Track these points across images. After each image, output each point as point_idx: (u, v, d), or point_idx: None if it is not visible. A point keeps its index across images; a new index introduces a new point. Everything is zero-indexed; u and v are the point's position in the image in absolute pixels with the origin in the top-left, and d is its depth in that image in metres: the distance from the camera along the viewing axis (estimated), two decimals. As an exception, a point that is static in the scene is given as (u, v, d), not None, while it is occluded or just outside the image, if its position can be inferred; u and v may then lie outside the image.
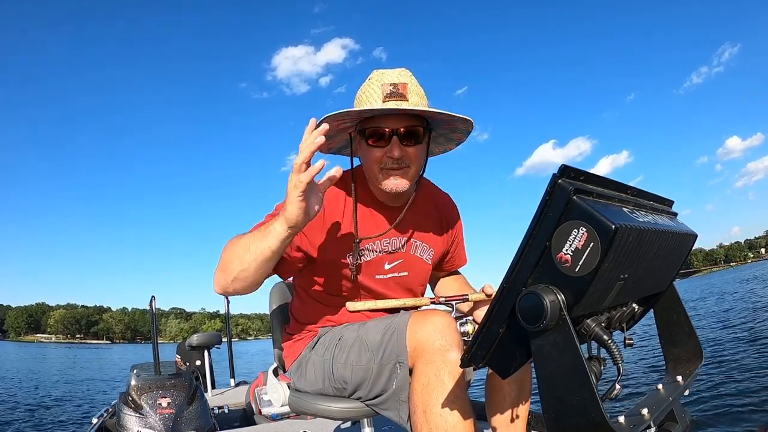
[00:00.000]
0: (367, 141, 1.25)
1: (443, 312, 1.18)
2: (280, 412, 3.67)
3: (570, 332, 0.60)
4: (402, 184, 1.26)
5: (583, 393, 0.57)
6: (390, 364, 1.17)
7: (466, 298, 1.36)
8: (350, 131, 1.31)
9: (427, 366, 1.07)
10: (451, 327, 1.12)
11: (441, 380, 1.04)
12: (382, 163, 1.24)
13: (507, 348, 0.70)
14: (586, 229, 0.61)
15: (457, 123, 1.30)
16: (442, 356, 1.06)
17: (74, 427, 6.25)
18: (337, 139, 1.35)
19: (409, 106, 1.21)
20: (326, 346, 1.32)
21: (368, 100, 1.24)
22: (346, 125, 1.29)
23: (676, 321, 1.02)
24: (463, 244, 1.59)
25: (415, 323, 1.14)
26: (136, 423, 2.97)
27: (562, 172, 0.64)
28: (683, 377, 0.89)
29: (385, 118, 1.23)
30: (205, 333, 5.13)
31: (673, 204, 1.07)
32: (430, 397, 1.03)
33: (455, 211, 1.55)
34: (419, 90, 1.27)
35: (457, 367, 1.04)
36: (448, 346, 1.07)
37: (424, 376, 1.07)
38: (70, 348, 73.65)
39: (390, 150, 1.22)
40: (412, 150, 1.25)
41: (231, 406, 4.33)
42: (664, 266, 0.93)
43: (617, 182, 0.80)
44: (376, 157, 1.24)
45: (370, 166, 1.27)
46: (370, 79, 1.27)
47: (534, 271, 0.64)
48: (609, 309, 0.81)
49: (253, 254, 1.11)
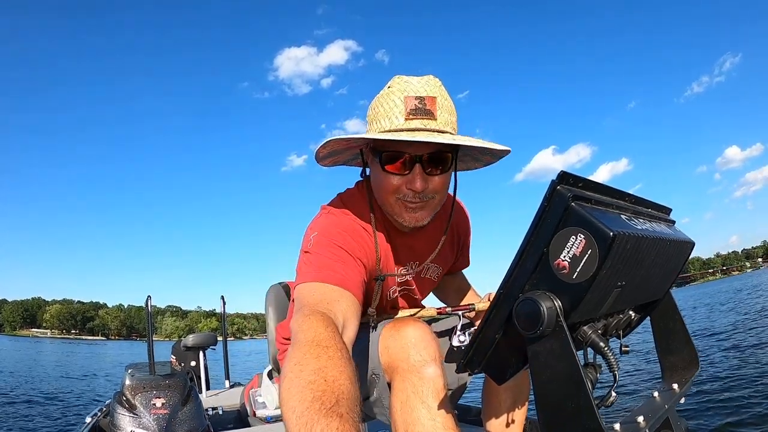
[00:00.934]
0: (383, 165, 1.06)
1: (418, 323, 1.08)
2: (274, 414, 3.66)
3: (567, 339, 0.60)
4: (422, 217, 1.11)
5: (579, 400, 0.57)
6: (367, 376, 1.11)
7: (473, 307, 1.31)
8: (361, 147, 1.15)
9: (404, 383, 1.00)
10: (426, 339, 1.02)
11: (420, 398, 0.97)
12: (400, 194, 1.08)
13: (503, 354, 0.70)
14: (584, 236, 0.61)
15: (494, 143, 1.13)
16: (418, 373, 0.98)
17: (67, 425, 6.22)
18: (342, 156, 1.19)
19: (439, 126, 1.03)
20: None
21: (387, 115, 1.04)
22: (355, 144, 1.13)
23: (672, 329, 1.02)
24: (468, 250, 1.54)
25: (387, 337, 1.06)
26: (129, 423, 2.96)
27: (561, 178, 0.64)
28: (679, 385, 0.89)
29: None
30: (201, 333, 5.12)
31: (671, 212, 1.07)
32: (410, 415, 0.97)
33: (467, 221, 1.47)
34: (449, 104, 1.08)
35: (436, 383, 0.99)
36: (423, 361, 0.99)
37: (401, 392, 1.00)
38: (65, 344, 73.28)
39: (411, 181, 1.05)
40: (437, 180, 1.08)
41: (225, 407, 4.32)
42: (662, 274, 0.93)
43: (616, 189, 0.81)
44: (393, 186, 1.07)
45: (385, 194, 1.09)
46: (390, 88, 1.06)
47: (531, 278, 0.64)
48: (606, 316, 0.81)
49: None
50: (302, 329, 0.83)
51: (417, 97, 1.02)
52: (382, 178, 1.09)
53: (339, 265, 1.04)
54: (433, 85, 1.06)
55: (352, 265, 1.06)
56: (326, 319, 0.87)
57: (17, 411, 7.48)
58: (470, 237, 1.51)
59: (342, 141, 1.07)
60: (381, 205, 1.15)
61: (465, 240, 1.49)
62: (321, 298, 0.97)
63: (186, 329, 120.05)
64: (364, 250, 1.12)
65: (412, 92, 1.03)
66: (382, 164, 1.06)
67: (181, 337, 5.44)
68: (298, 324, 0.86)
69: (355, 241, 1.10)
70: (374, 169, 1.12)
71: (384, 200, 1.12)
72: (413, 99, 1.02)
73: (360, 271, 1.08)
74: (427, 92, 1.03)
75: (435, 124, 1.03)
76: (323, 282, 1.01)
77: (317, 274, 1.02)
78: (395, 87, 1.06)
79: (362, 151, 1.16)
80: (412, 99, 1.02)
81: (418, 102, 1.02)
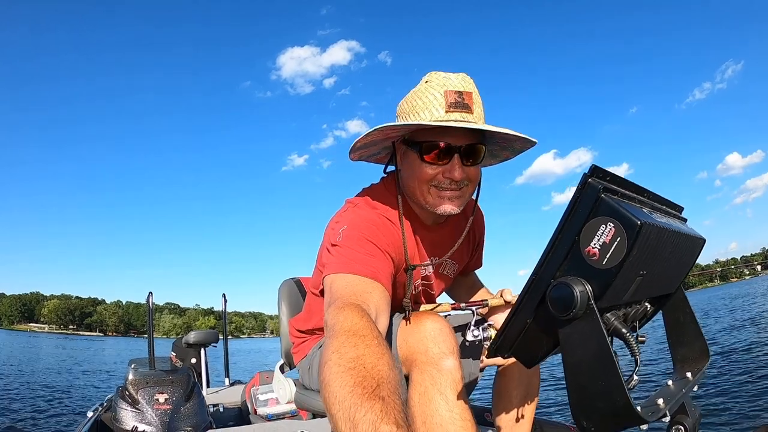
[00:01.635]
0: (421, 156, 1.11)
1: (437, 316, 1.12)
2: (276, 411, 3.69)
3: (597, 320, 0.63)
4: (455, 207, 1.16)
5: (609, 378, 0.61)
6: None
7: (486, 303, 1.33)
8: (394, 140, 1.19)
9: (422, 375, 1.03)
10: (444, 332, 1.06)
11: (439, 389, 1.00)
12: (436, 182, 1.13)
13: (533, 338, 0.73)
14: (613, 225, 0.65)
15: (515, 143, 1.19)
16: (436, 365, 1.02)
17: (68, 419, 6.20)
18: (375, 147, 1.23)
19: (475, 120, 1.09)
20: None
21: (427, 107, 1.09)
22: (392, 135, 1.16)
23: (683, 321, 1.05)
24: (482, 251, 1.58)
25: (405, 330, 1.10)
26: (132, 418, 2.97)
27: (592, 171, 0.68)
28: (692, 374, 0.93)
29: (445, 131, 1.10)
30: (202, 330, 5.13)
31: (683, 210, 1.11)
32: (428, 407, 1.00)
33: (483, 222, 1.52)
34: (481, 101, 1.14)
35: (454, 375, 1.02)
36: (442, 353, 1.03)
37: (420, 385, 1.03)
38: (63, 339, 72.77)
39: (450, 170, 1.10)
40: (472, 170, 1.13)
41: (226, 405, 4.34)
42: (676, 267, 0.97)
43: (637, 185, 0.85)
44: (429, 175, 1.12)
45: (419, 183, 1.14)
46: (428, 83, 1.12)
47: (563, 264, 0.68)
48: (625, 305, 0.85)
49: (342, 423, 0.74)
50: (338, 320, 0.86)
51: (456, 91, 1.08)
52: (419, 167, 1.13)
53: (370, 258, 1.08)
54: (469, 81, 1.12)
55: (381, 258, 1.10)
56: (361, 310, 0.90)
57: (18, 405, 7.45)
58: (484, 239, 1.55)
59: (387, 129, 1.11)
60: (412, 195, 1.19)
61: (480, 240, 1.53)
62: (354, 289, 1.00)
63: (184, 327, 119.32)
64: (392, 243, 1.16)
65: (452, 87, 1.09)
66: (422, 154, 1.11)
67: (180, 335, 5.45)
68: (334, 315, 0.89)
69: (383, 234, 1.14)
70: (409, 160, 1.16)
71: (419, 190, 1.16)
72: (453, 93, 1.07)
73: (389, 264, 1.12)
74: (464, 87, 1.09)
75: (472, 117, 1.09)
76: (355, 274, 1.04)
77: (349, 266, 1.05)
78: (434, 82, 1.11)
79: (394, 144, 1.20)
80: (452, 93, 1.07)
81: (458, 96, 1.07)
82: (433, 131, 1.09)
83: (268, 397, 3.79)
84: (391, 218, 1.19)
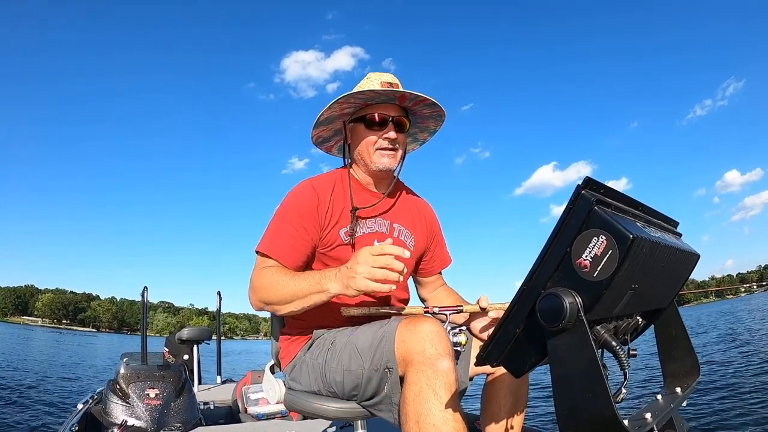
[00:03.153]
0: (367, 125, 1.43)
1: (433, 320, 1.17)
2: (266, 411, 3.67)
3: (586, 332, 0.63)
4: (392, 162, 1.44)
5: (596, 390, 0.61)
6: (380, 370, 1.17)
7: (460, 309, 1.38)
8: (346, 119, 1.50)
9: (418, 375, 1.06)
10: (440, 335, 1.11)
11: (433, 389, 1.03)
12: (378, 144, 1.43)
13: (522, 348, 0.73)
14: (605, 237, 0.65)
15: (429, 122, 1.55)
16: (432, 365, 1.05)
17: (58, 411, 6.17)
18: (330, 129, 1.54)
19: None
20: (320, 349, 1.34)
21: (365, 86, 1.42)
22: (346, 111, 1.47)
23: (675, 336, 1.05)
24: (445, 244, 1.68)
25: (404, 330, 1.14)
26: (122, 412, 2.95)
27: (586, 183, 0.68)
28: (681, 389, 0.93)
29: (382, 106, 1.43)
30: (197, 327, 5.10)
31: (678, 225, 1.11)
32: (422, 406, 1.02)
33: (432, 211, 1.67)
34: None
35: (449, 377, 1.05)
36: (438, 354, 1.07)
37: (415, 384, 1.06)
38: (56, 333, 72.59)
39: (386, 132, 1.42)
40: (401, 136, 1.46)
41: (217, 402, 4.31)
42: (668, 282, 0.97)
43: (632, 198, 0.85)
44: (372, 140, 1.43)
45: (365, 147, 1.44)
46: (368, 78, 1.47)
47: (554, 275, 0.68)
48: (616, 318, 0.85)
49: (297, 298, 1.23)
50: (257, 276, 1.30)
51: (388, 82, 1.43)
52: (364, 135, 1.44)
53: (286, 232, 1.36)
54: (396, 79, 1.47)
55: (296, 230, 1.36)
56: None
57: (7, 395, 7.42)
58: (442, 232, 1.69)
59: (342, 101, 1.40)
60: (360, 159, 1.48)
61: (437, 231, 1.66)
62: (265, 262, 1.34)
63: (178, 326, 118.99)
64: (335, 189, 1.44)
65: (385, 79, 1.44)
66: (367, 125, 1.43)
67: (173, 331, 5.43)
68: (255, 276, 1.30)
69: (310, 202, 1.39)
70: (357, 134, 1.47)
71: (366, 152, 1.45)
72: (386, 83, 1.42)
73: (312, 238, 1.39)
74: (393, 81, 1.44)
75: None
76: (265, 250, 1.34)
77: (263, 243, 1.37)
78: (372, 77, 1.46)
79: (345, 124, 1.50)
80: (386, 83, 1.42)
81: (389, 85, 1.41)
82: (374, 107, 1.42)
83: (259, 397, 3.77)
84: (337, 180, 1.47)
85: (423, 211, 1.63)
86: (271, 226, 1.39)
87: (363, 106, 1.44)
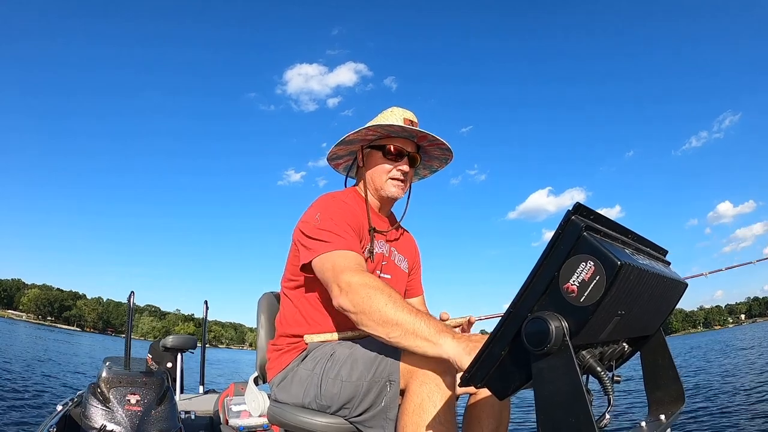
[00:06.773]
0: (384, 154, 1.54)
1: None
2: (248, 424, 3.62)
3: (571, 357, 0.64)
4: (400, 192, 1.57)
5: (580, 415, 0.61)
6: (381, 382, 1.19)
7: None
8: (363, 145, 1.60)
9: (422, 387, 1.09)
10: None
11: (434, 402, 1.07)
12: (391, 174, 1.54)
13: (507, 370, 0.73)
14: (593, 263, 0.66)
15: (434, 162, 1.69)
16: (436, 379, 1.09)
17: (37, 411, 6.03)
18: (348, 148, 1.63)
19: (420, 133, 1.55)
20: (317, 360, 1.34)
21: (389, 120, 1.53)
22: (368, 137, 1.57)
23: (661, 365, 1.06)
24: (420, 276, 1.80)
25: None
26: (101, 416, 2.89)
27: (576, 209, 0.69)
28: (665, 417, 0.93)
29: (402, 141, 1.55)
30: (181, 335, 5.04)
31: (667, 253, 1.12)
32: (422, 418, 1.06)
33: (416, 245, 1.80)
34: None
35: (450, 391, 1.08)
36: (443, 371, 1.10)
37: (417, 396, 1.09)
38: (40, 329, 71.08)
39: (400, 165, 1.54)
40: (411, 171, 1.58)
41: (198, 412, 4.24)
42: (656, 310, 0.98)
43: (621, 226, 0.86)
44: (386, 169, 1.54)
45: (379, 174, 1.55)
46: (392, 112, 1.58)
47: (541, 299, 0.69)
48: (602, 344, 0.86)
49: (410, 334, 1.07)
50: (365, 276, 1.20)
51: (411, 120, 1.55)
52: (380, 164, 1.55)
53: (350, 235, 1.36)
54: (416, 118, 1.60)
55: (354, 234, 1.39)
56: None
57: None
58: (421, 264, 1.80)
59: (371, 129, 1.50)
60: (372, 183, 1.58)
61: (418, 263, 1.77)
62: (358, 260, 1.29)
63: (163, 330, 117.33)
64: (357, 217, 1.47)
65: (408, 116, 1.56)
66: (385, 155, 1.54)
67: (158, 338, 5.35)
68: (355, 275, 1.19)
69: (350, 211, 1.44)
70: (372, 161, 1.57)
71: (378, 181, 1.56)
72: (408, 120, 1.54)
73: (358, 239, 1.42)
74: (413, 119, 1.57)
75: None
76: (347, 250, 1.30)
77: (339, 243, 1.31)
78: (396, 111, 1.58)
79: (362, 148, 1.59)
80: (408, 120, 1.54)
81: (410, 123, 1.53)
82: (395, 140, 1.54)
83: (241, 409, 3.73)
84: (354, 199, 1.55)
85: (410, 241, 1.77)
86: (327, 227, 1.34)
87: (384, 137, 1.55)
